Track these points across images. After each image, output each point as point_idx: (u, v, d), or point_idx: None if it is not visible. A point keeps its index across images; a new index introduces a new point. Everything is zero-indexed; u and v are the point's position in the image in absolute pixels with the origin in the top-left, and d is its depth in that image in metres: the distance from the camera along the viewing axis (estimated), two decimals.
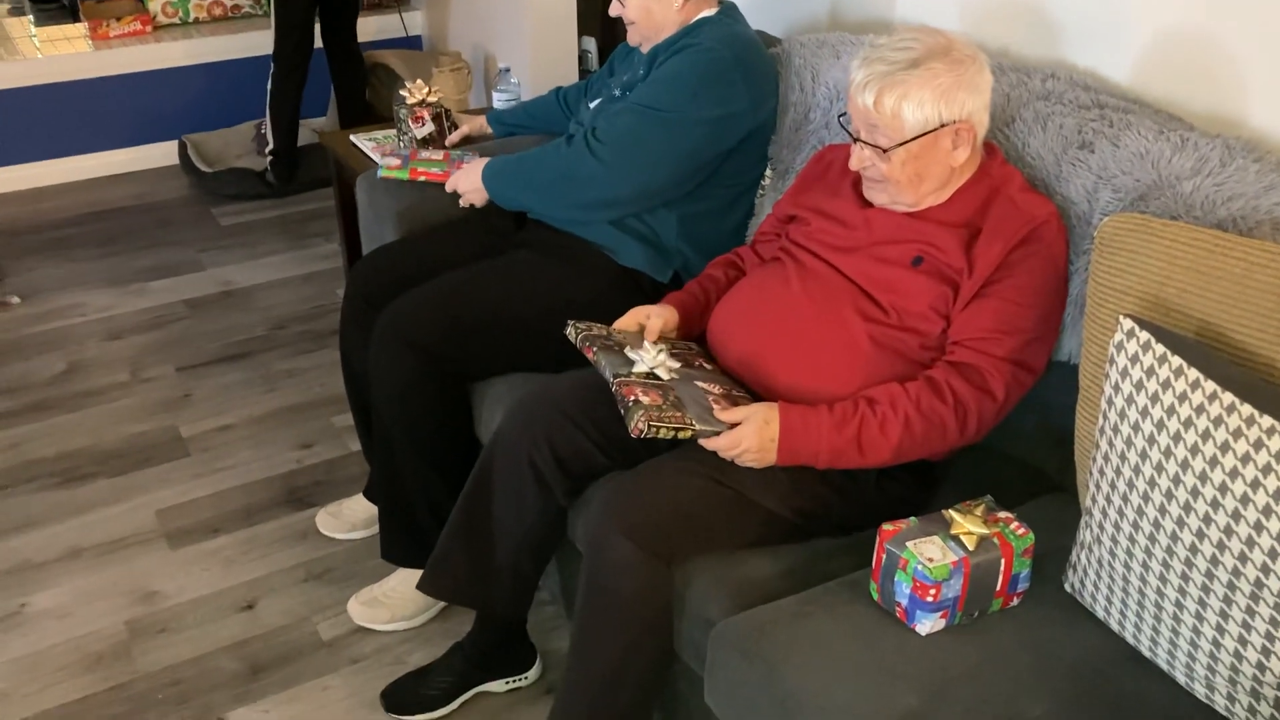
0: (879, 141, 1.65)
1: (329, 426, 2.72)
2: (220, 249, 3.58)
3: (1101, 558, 1.42)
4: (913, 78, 1.61)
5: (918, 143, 1.63)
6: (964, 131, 1.65)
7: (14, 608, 2.19)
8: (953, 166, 1.68)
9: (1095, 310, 1.54)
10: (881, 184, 1.70)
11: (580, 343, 1.76)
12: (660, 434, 1.58)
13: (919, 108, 1.62)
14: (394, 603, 2.13)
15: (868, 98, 1.63)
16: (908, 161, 1.65)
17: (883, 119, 1.63)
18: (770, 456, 1.61)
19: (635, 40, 2.16)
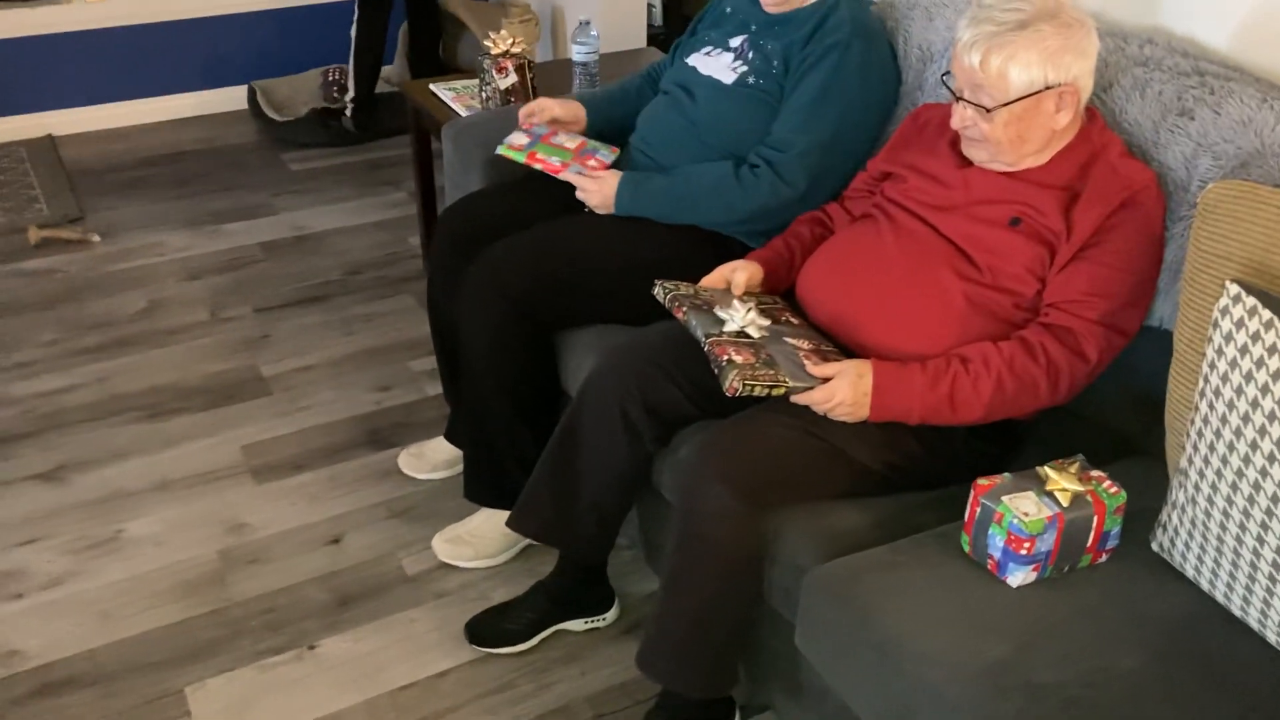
0: (983, 101, 1.66)
1: (406, 370, 2.77)
2: (292, 194, 3.63)
3: (1195, 518, 1.45)
4: (1020, 38, 1.62)
5: (1021, 104, 1.65)
6: (1068, 95, 1.66)
7: (110, 533, 2.28)
8: (1054, 129, 1.69)
9: (1195, 276, 1.55)
10: (982, 143, 1.72)
11: (669, 302, 1.79)
12: (755, 392, 1.62)
13: (1025, 69, 1.63)
14: (477, 541, 2.20)
15: (974, 57, 1.65)
16: (1010, 122, 1.67)
17: (988, 79, 1.64)
18: (864, 411, 1.65)
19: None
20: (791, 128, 2.02)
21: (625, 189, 2.10)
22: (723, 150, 2.09)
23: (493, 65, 2.63)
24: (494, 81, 2.62)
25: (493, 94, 2.66)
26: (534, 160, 2.19)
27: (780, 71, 2.07)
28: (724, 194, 2.04)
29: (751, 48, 2.12)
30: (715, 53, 2.18)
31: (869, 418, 1.65)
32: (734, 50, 2.15)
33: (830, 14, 2.05)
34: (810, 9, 2.08)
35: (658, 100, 2.25)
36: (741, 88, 2.10)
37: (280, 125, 3.92)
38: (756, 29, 2.14)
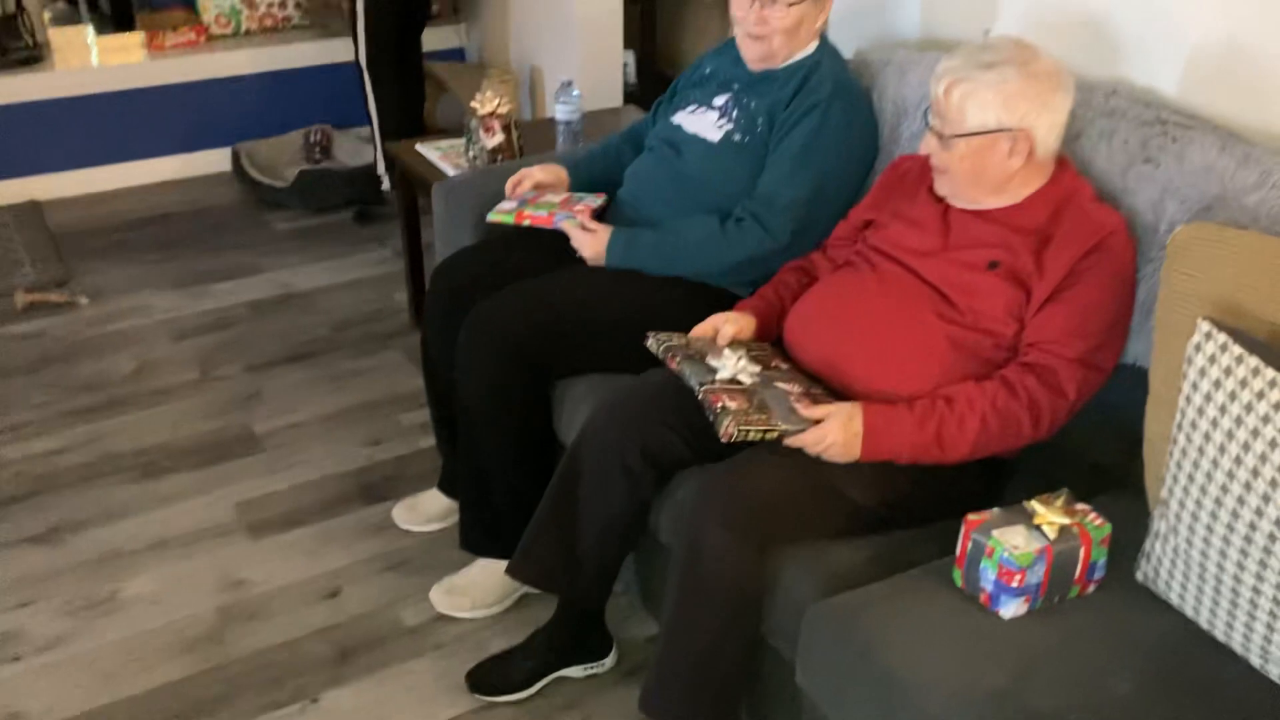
0: (943, 130, 1.76)
1: (397, 424, 2.81)
2: (277, 253, 3.68)
3: (1178, 546, 1.51)
4: (984, 78, 1.72)
5: (977, 140, 1.74)
6: (1021, 140, 1.74)
7: (108, 593, 2.29)
8: (1008, 172, 1.77)
9: (1167, 315, 1.63)
10: (944, 175, 1.82)
11: (662, 353, 1.85)
12: (750, 437, 1.68)
13: (980, 108, 1.73)
14: (475, 591, 2.22)
15: (939, 87, 1.76)
16: (966, 156, 1.76)
17: (948, 110, 1.75)
18: (854, 452, 1.70)
19: (760, 53, 2.17)
20: (776, 182, 2.10)
21: (617, 242, 2.16)
22: (710, 204, 2.16)
23: (480, 125, 2.70)
24: (481, 141, 2.70)
25: (480, 153, 2.73)
26: (523, 218, 2.24)
27: (765, 129, 2.15)
28: (712, 247, 2.11)
29: (736, 106, 2.20)
30: (700, 111, 2.26)
31: (860, 458, 1.71)
32: (718, 109, 2.23)
33: (812, 73, 2.14)
34: (792, 68, 2.17)
35: (645, 157, 2.33)
36: (728, 144, 2.18)
37: (267, 189, 3.97)
38: (740, 88, 2.22)
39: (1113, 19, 2.06)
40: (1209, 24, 1.92)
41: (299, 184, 3.91)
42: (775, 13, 2.11)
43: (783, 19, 2.12)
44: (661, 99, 2.45)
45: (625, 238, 2.16)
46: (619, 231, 2.17)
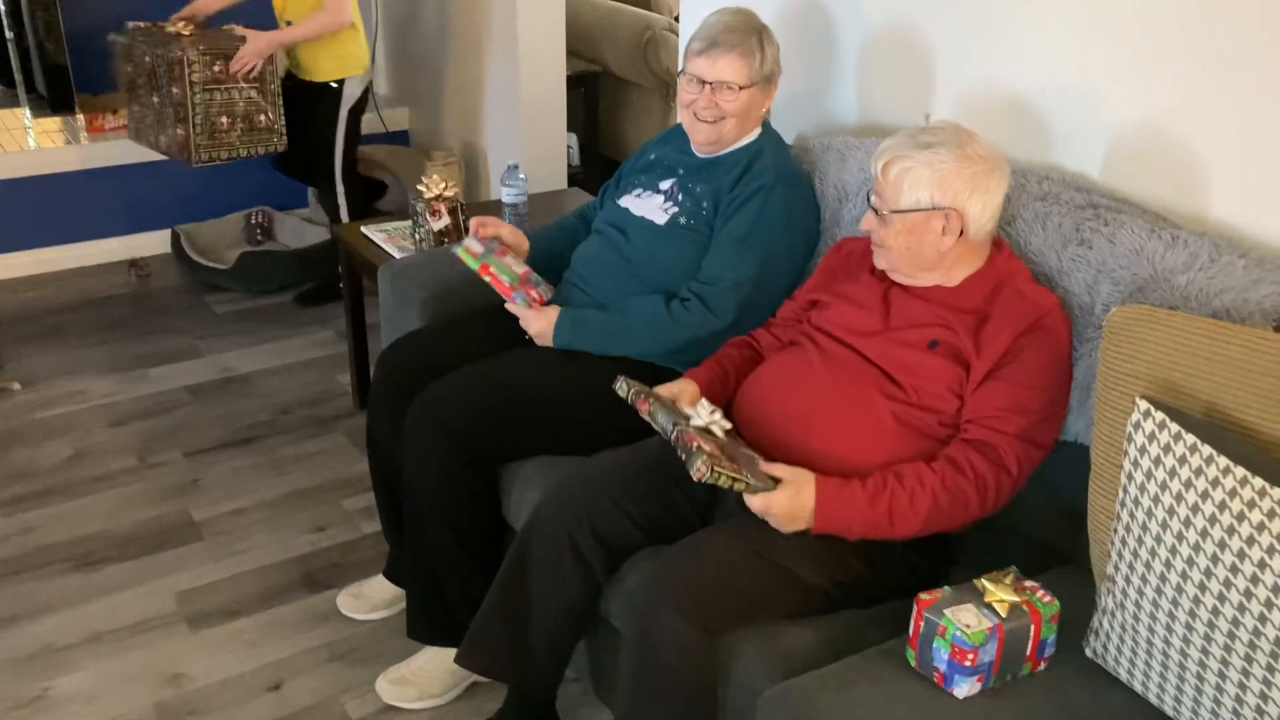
0: (880, 206, 1.82)
1: (340, 510, 2.77)
2: (217, 336, 3.63)
3: (1125, 622, 1.53)
4: (920, 157, 1.78)
5: (910, 217, 1.79)
6: (953, 219, 1.79)
7: (38, 691, 2.20)
8: (940, 250, 1.82)
9: (1106, 393, 1.67)
10: (882, 250, 1.86)
11: (632, 397, 1.83)
12: (720, 481, 1.66)
13: (914, 186, 1.78)
14: (422, 681, 2.18)
15: (878, 164, 1.82)
16: (901, 232, 1.81)
17: (885, 186, 1.81)
18: (801, 523, 1.71)
19: (709, 137, 2.21)
20: (720, 264, 2.13)
21: (564, 323, 2.17)
22: (657, 285, 2.19)
23: (426, 208, 2.71)
24: (428, 224, 2.71)
25: (426, 236, 2.74)
26: (486, 271, 2.22)
27: (710, 212, 2.19)
28: (658, 326, 2.13)
29: (681, 190, 2.24)
30: (646, 195, 2.29)
31: (811, 529, 1.71)
32: (664, 192, 2.27)
33: (755, 159, 2.19)
34: (735, 154, 2.22)
35: (592, 239, 2.35)
36: (674, 227, 2.21)
37: (208, 270, 3.93)
38: (685, 173, 2.26)
39: (1040, 107, 2.14)
40: (1128, 111, 2.00)
41: (240, 266, 3.88)
42: (726, 97, 2.16)
43: (733, 103, 2.17)
44: (608, 184, 2.48)
45: (573, 317, 2.18)
46: (566, 312, 2.19)
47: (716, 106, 2.17)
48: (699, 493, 1.92)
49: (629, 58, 4.47)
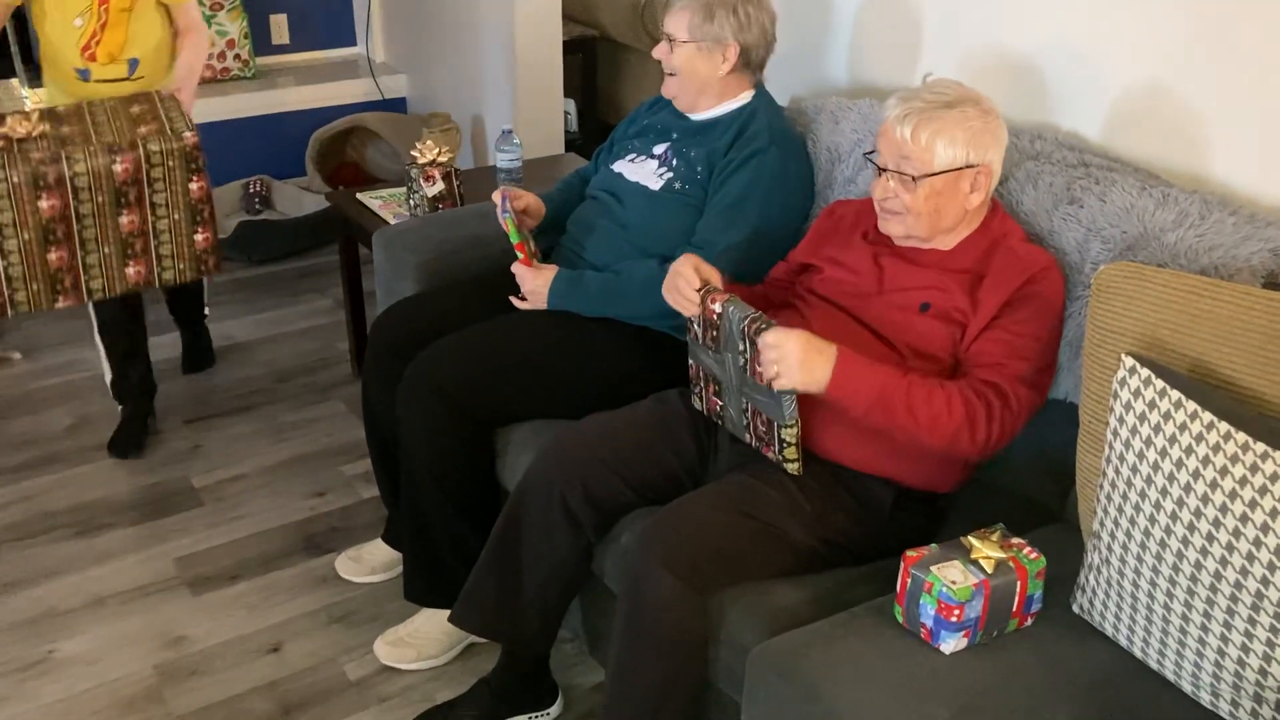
0: (908, 171, 1.78)
1: (339, 475, 2.79)
2: (216, 304, 3.63)
3: (1110, 578, 1.55)
4: (949, 115, 1.76)
5: (942, 179, 1.77)
6: (983, 176, 1.79)
7: (42, 654, 2.23)
8: (966, 209, 1.81)
9: (1094, 350, 1.67)
10: (900, 215, 1.82)
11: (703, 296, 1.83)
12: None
13: (950, 145, 1.76)
14: (419, 642, 2.20)
15: (905, 130, 1.77)
16: (930, 195, 1.79)
17: (916, 150, 1.77)
18: (813, 372, 1.66)
19: (671, 92, 2.25)
20: (714, 228, 2.13)
21: (559, 283, 2.18)
22: (651, 250, 2.19)
23: (420, 174, 2.71)
24: (422, 189, 2.71)
25: (421, 201, 2.74)
26: (521, 249, 2.21)
27: (704, 176, 2.18)
28: (653, 289, 2.13)
29: (675, 154, 2.24)
30: (640, 159, 2.29)
31: (826, 383, 1.67)
32: (658, 157, 2.27)
33: (750, 122, 2.18)
34: (729, 117, 2.21)
35: (586, 204, 2.35)
36: (668, 193, 2.21)
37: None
38: (679, 137, 2.26)
39: (1037, 66, 2.13)
40: (1130, 70, 1.99)
41: (239, 235, 3.89)
42: (668, 53, 2.21)
43: (672, 57, 2.20)
44: (601, 148, 2.48)
45: (567, 280, 2.19)
46: (563, 273, 2.20)
47: (666, 60, 2.20)
48: (690, 454, 1.94)
49: (626, 21, 4.44)
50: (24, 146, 2.30)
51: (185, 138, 2.40)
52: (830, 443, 1.81)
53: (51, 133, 2.36)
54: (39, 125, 2.35)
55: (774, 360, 1.68)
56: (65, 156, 2.29)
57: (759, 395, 1.77)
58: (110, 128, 2.39)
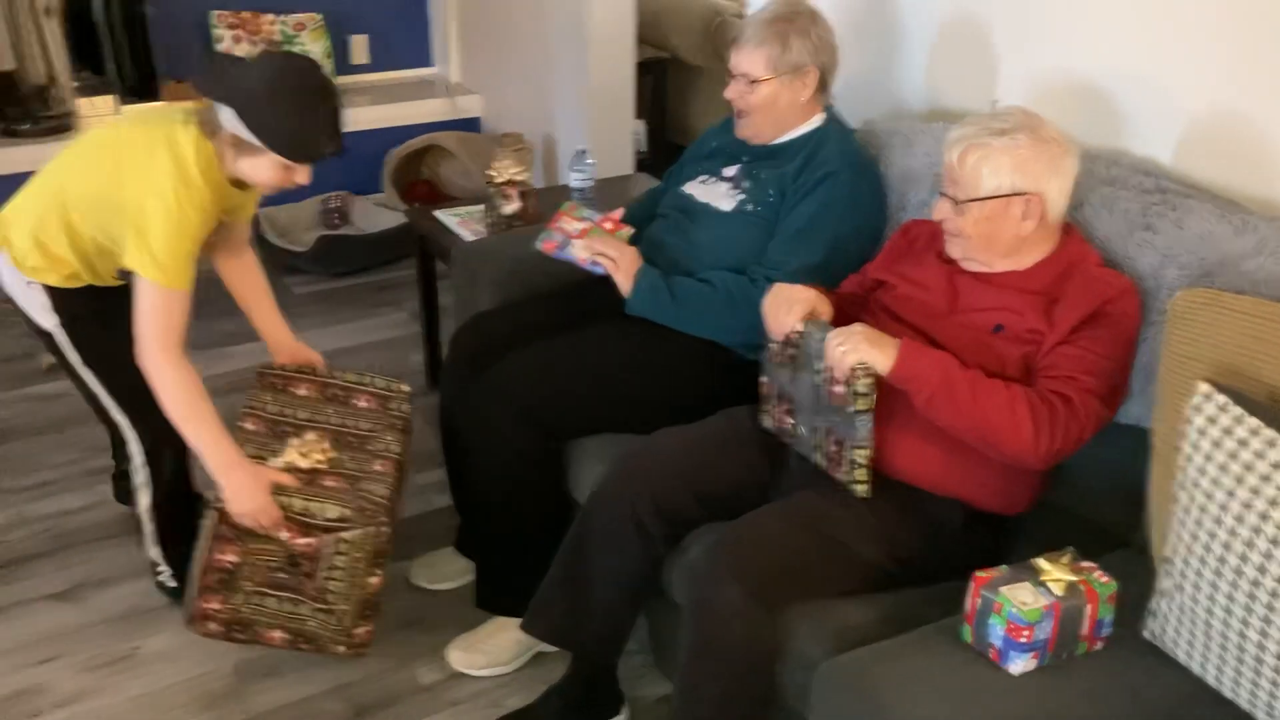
0: (956, 195, 1.81)
1: (413, 484, 2.83)
2: (296, 316, 3.70)
3: (1183, 604, 1.54)
4: (997, 144, 1.78)
5: (990, 204, 1.79)
6: (1034, 204, 1.80)
7: (128, 650, 2.32)
8: (1020, 235, 1.82)
9: (1168, 376, 1.67)
10: (957, 238, 1.86)
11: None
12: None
13: (995, 173, 1.78)
14: (490, 649, 2.25)
15: (953, 153, 1.81)
16: (980, 220, 1.81)
17: (963, 175, 1.80)
18: (880, 350, 1.73)
19: (747, 133, 2.27)
20: (785, 251, 2.16)
21: (646, 275, 2.19)
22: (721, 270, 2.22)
23: (498, 192, 2.78)
24: (499, 207, 2.77)
25: (498, 219, 2.80)
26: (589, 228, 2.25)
27: (776, 199, 2.21)
28: (736, 297, 2.16)
29: (747, 177, 2.28)
30: (711, 181, 2.33)
31: (891, 367, 1.72)
32: (730, 179, 2.30)
33: (821, 146, 2.21)
34: (800, 140, 2.24)
35: (657, 224, 2.39)
36: (740, 214, 2.25)
37: (285, 253, 4.05)
38: (749, 160, 2.29)
39: (1112, 91, 2.14)
40: (1205, 96, 1.99)
41: (318, 249, 3.99)
42: (747, 89, 2.21)
43: (753, 95, 2.21)
44: (672, 169, 2.53)
45: (655, 273, 2.20)
46: (649, 267, 2.21)
47: (743, 98, 2.22)
48: (760, 470, 1.96)
49: (698, 44, 4.49)
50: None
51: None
52: (901, 461, 1.83)
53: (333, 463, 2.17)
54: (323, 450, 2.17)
55: (840, 343, 1.72)
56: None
57: (833, 415, 1.80)
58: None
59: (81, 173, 2.08)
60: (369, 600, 2.12)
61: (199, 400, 2.06)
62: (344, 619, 2.12)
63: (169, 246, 1.94)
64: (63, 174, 2.09)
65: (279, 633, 2.13)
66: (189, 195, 1.95)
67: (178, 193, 1.94)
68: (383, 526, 2.08)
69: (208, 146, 1.99)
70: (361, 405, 2.35)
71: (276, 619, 2.12)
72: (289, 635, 2.14)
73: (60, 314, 2.16)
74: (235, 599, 2.09)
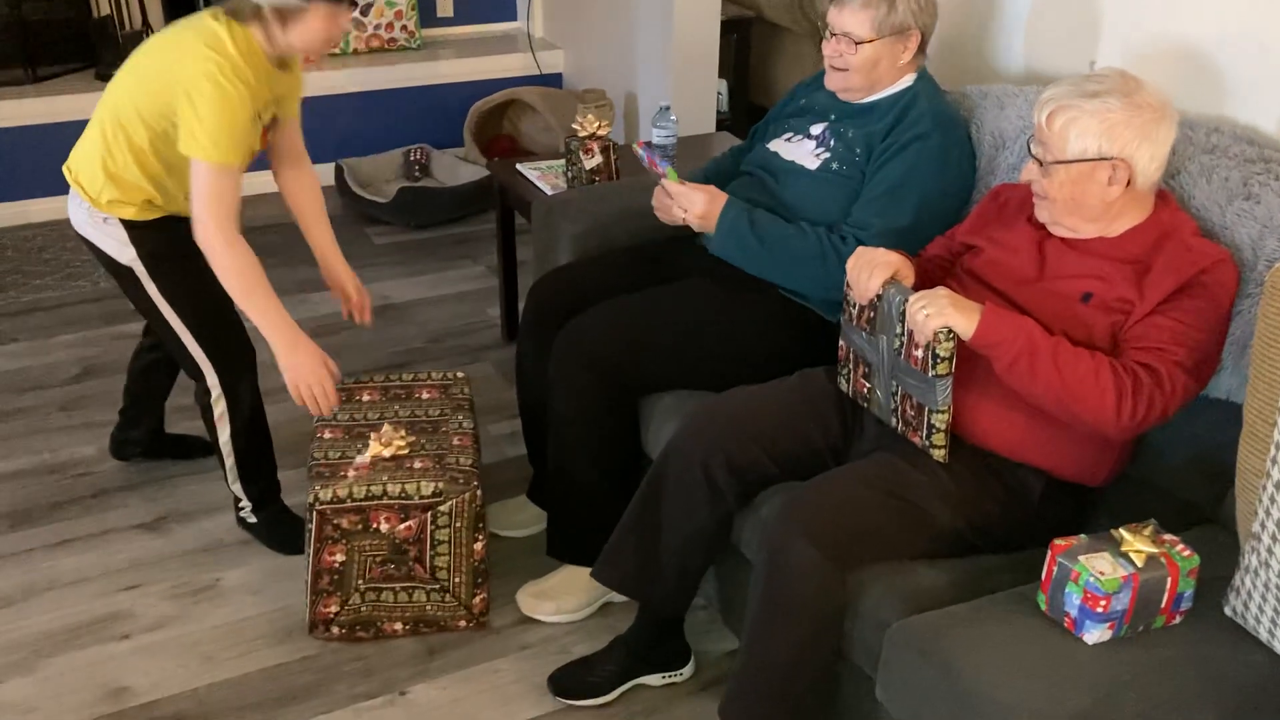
0: (1043, 157, 1.78)
1: (487, 434, 2.89)
2: (376, 266, 3.80)
3: (1269, 581, 1.51)
4: (1087, 106, 1.74)
5: (1075, 167, 1.75)
6: (1120, 169, 1.75)
7: (210, 581, 2.39)
8: (1107, 201, 1.78)
9: (1264, 349, 1.63)
10: (1045, 201, 1.82)
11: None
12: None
13: (1081, 136, 1.74)
14: (560, 596, 2.28)
15: (1042, 114, 1.77)
16: (1065, 183, 1.77)
17: (1050, 137, 1.76)
18: (963, 315, 1.70)
19: (840, 86, 2.24)
20: (872, 212, 2.14)
21: (731, 209, 2.17)
22: None
23: (580, 147, 2.78)
24: (581, 162, 2.78)
25: (579, 174, 2.81)
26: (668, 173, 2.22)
27: (863, 159, 2.19)
28: (822, 249, 2.14)
29: (833, 135, 2.25)
30: (797, 139, 2.31)
31: (973, 331, 1.70)
32: (816, 138, 2.28)
33: (911, 106, 2.18)
34: (890, 100, 2.21)
35: (741, 181, 2.38)
36: (825, 173, 2.22)
37: (368, 203, 4.10)
38: (837, 118, 2.27)
39: (1217, 56, 2.07)
40: None
41: (399, 200, 4.04)
42: (848, 49, 2.18)
43: (854, 56, 2.18)
44: (757, 126, 2.50)
45: (744, 207, 2.17)
46: (734, 201, 2.18)
47: (842, 57, 2.19)
48: (835, 432, 1.96)
49: (783, 3, 4.44)
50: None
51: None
52: (982, 427, 1.81)
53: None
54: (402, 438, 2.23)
55: (924, 306, 1.71)
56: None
57: (911, 380, 1.78)
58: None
59: (130, 90, 2.15)
60: (478, 567, 2.20)
61: (259, 278, 2.15)
62: (459, 592, 2.21)
63: (217, 122, 2.01)
64: (115, 100, 2.16)
65: (400, 624, 2.22)
66: (230, 69, 2.01)
67: (220, 67, 2.01)
68: (477, 490, 2.16)
69: (242, 30, 2.06)
70: (425, 396, 2.44)
71: (395, 611, 2.21)
72: (411, 624, 2.23)
73: (138, 247, 2.23)
74: (352, 599, 2.18)
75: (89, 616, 2.29)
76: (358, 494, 2.13)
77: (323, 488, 2.13)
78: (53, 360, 3.21)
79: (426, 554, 2.17)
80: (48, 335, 3.34)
